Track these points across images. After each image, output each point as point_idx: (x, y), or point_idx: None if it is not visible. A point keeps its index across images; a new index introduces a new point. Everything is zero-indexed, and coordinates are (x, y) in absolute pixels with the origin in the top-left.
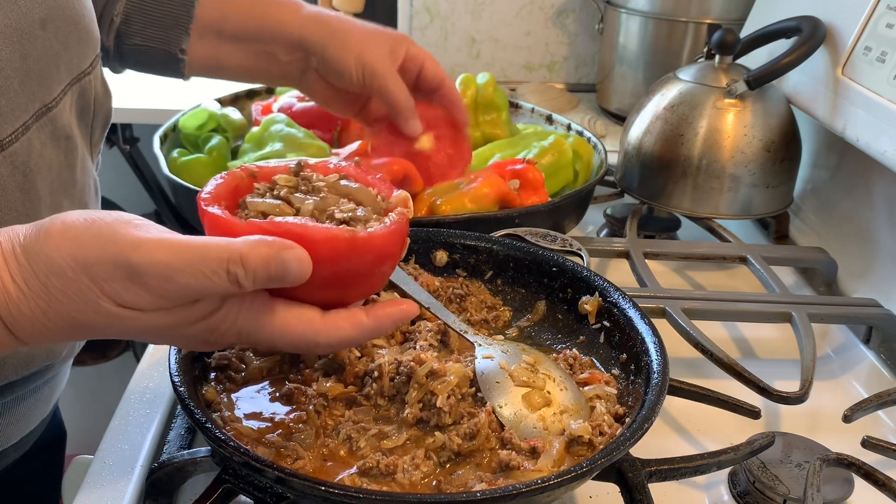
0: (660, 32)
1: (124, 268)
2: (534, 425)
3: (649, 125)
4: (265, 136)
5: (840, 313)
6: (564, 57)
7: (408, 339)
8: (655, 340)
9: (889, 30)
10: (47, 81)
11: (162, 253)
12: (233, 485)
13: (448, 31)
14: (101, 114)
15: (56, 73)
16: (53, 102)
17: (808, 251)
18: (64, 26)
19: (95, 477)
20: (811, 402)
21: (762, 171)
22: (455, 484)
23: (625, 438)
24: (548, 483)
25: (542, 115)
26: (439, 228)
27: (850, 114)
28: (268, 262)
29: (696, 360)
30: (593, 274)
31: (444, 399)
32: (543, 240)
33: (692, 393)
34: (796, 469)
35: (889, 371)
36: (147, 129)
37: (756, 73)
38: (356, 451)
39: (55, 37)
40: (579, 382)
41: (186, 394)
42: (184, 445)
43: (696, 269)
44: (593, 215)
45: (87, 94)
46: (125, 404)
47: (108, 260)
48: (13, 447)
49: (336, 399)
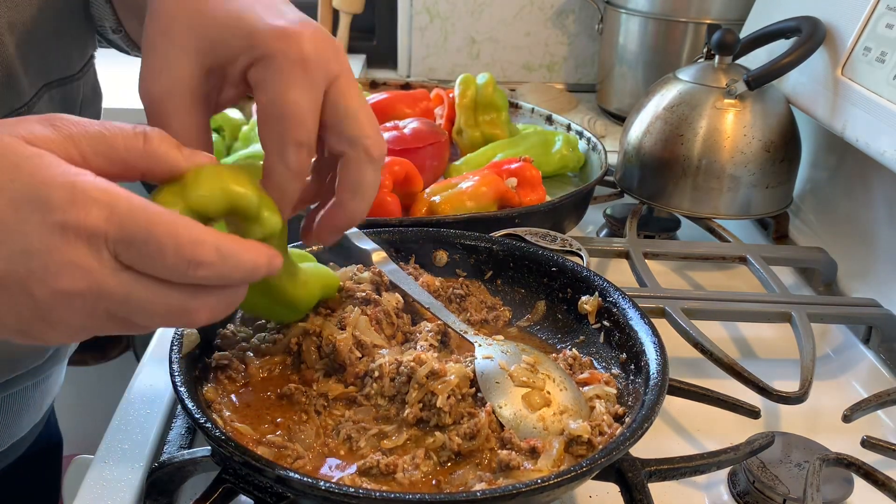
0: (659, 32)
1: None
2: (534, 425)
3: (649, 125)
4: (252, 135)
5: (840, 313)
6: (564, 57)
7: (408, 340)
8: (655, 340)
9: (889, 30)
10: (16, 86)
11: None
12: (233, 485)
13: (448, 32)
14: (89, 115)
15: (25, 78)
16: (25, 108)
17: (807, 251)
18: (39, 31)
19: (95, 477)
20: (811, 402)
21: (762, 171)
22: (455, 484)
23: (624, 438)
24: (548, 483)
25: (542, 115)
26: (439, 228)
27: (850, 114)
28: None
29: (695, 360)
30: (593, 274)
31: (445, 399)
32: (543, 240)
33: (692, 393)
34: (796, 469)
35: (889, 371)
36: None
37: (756, 73)
38: (356, 450)
39: (26, 42)
40: (579, 382)
41: (186, 394)
42: (184, 445)
43: (695, 269)
44: (593, 215)
45: (72, 98)
46: (125, 404)
47: None
48: (2, 454)
49: (336, 399)
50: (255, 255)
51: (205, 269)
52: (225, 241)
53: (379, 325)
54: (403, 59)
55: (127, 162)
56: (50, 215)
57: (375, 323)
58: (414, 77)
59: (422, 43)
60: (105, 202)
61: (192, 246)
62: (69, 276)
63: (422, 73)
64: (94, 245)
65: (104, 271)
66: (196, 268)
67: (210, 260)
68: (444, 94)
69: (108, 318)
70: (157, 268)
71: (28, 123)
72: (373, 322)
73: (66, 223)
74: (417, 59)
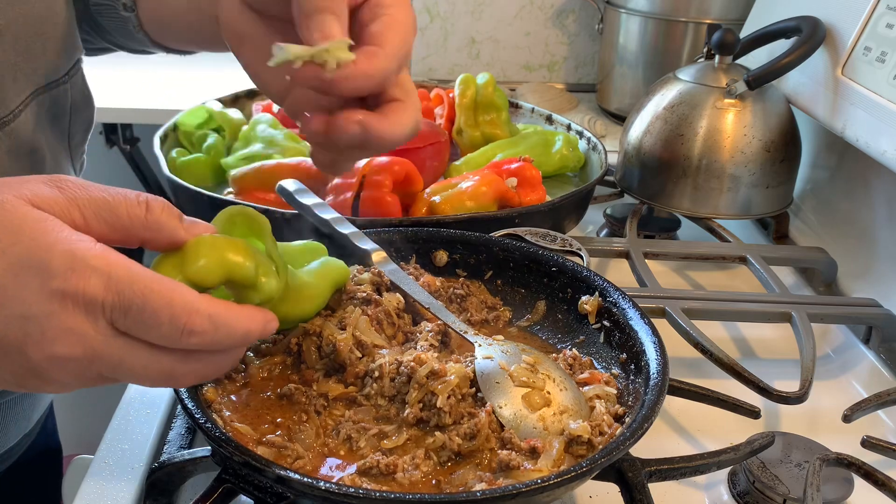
0: (659, 32)
1: None
2: (534, 425)
3: (649, 125)
4: (251, 136)
5: (840, 313)
6: (564, 57)
7: (409, 340)
8: (655, 340)
9: (889, 30)
10: (2, 94)
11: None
12: (233, 484)
13: (448, 32)
14: (80, 121)
15: (13, 85)
16: (10, 116)
17: (807, 251)
18: (25, 36)
19: (95, 477)
20: (811, 402)
21: (762, 171)
22: (455, 484)
23: (624, 438)
24: (548, 483)
25: (542, 115)
26: (439, 228)
27: (850, 114)
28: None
29: (696, 360)
30: (593, 274)
31: (445, 399)
32: (543, 240)
33: (692, 393)
34: (796, 469)
35: (889, 371)
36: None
37: (756, 73)
38: (356, 450)
39: (12, 47)
40: (579, 382)
41: (186, 394)
42: (184, 445)
43: (695, 269)
44: (593, 215)
45: (62, 102)
46: (125, 404)
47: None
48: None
49: (336, 399)
50: (248, 322)
51: (197, 337)
52: (218, 310)
53: (379, 325)
54: None
55: (128, 230)
56: (49, 282)
57: (376, 323)
58: (414, 77)
59: (422, 43)
60: (104, 270)
61: (187, 315)
62: (66, 343)
63: (422, 73)
64: (91, 312)
65: (99, 338)
66: (189, 336)
67: (203, 329)
68: (444, 94)
69: (99, 378)
70: (152, 334)
71: (33, 184)
72: (373, 322)
73: (66, 290)
74: (417, 59)
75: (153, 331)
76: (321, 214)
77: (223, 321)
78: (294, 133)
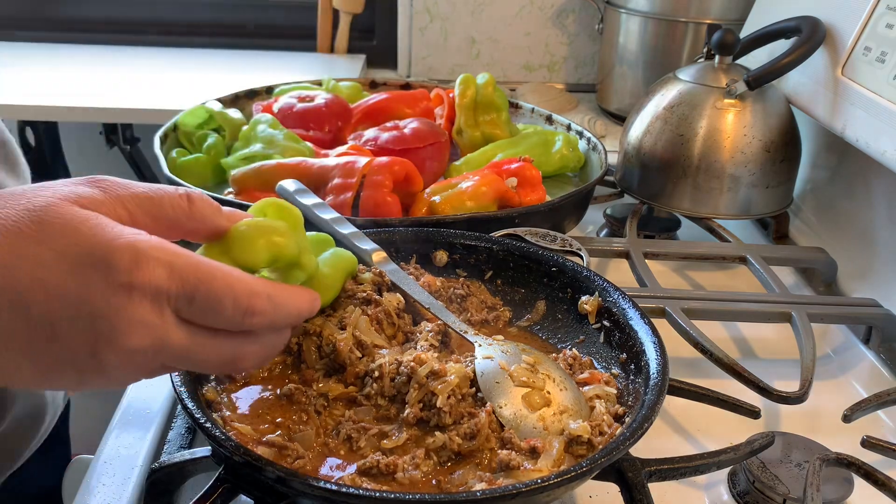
0: (659, 32)
1: None
2: (534, 425)
3: (649, 125)
4: (251, 136)
5: (840, 313)
6: (564, 57)
7: (409, 340)
8: (655, 340)
9: (889, 30)
10: None
11: None
12: (233, 484)
13: (448, 32)
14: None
15: None
16: None
17: (807, 251)
18: None
19: (95, 477)
20: (811, 402)
21: (762, 171)
22: (455, 484)
23: (624, 438)
24: (548, 482)
25: (542, 115)
26: (439, 228)
27: (850, 114)
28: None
29: (696, 360)
30: (593, 274)
31: (445, 399)
32: (543, 240)
33: (692, 393)
34: (796, 469)
35: (889, 371)
36: (147, 129)
37: (756, 73)
38: (356, 450)
39: None
40: (579, 382)
41: (186, 394)
42: (184, 445)
43: (695, 269)
44: (593, 215)
45: None
46: (125, 404)
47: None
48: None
49: (336, 399)
50: (299, 301)
51: (259, 318)
52: (276, 290)
53: (379, 325)
54: (403, 59)
55: (173, 222)
56: (114, 276)
57: (376, 323)
58: (414, 77)
59: (422, 43)
60: (166, 261)
61: (248, 297)
62: (136, 335)
63: (422, 73)
64: (157, 303)
65: (167, 327)
66: (252, 316)
67: (263, 309)
68: (444, 94)
69: (161, 369)
70: (217, 319)
71: (73, 186)
72: (373, 322)
73: (133, 283)
74: (417, 59)
75: (218, 316)
76: (321, 214)
77: (281, 300)
78: (294, 133)
